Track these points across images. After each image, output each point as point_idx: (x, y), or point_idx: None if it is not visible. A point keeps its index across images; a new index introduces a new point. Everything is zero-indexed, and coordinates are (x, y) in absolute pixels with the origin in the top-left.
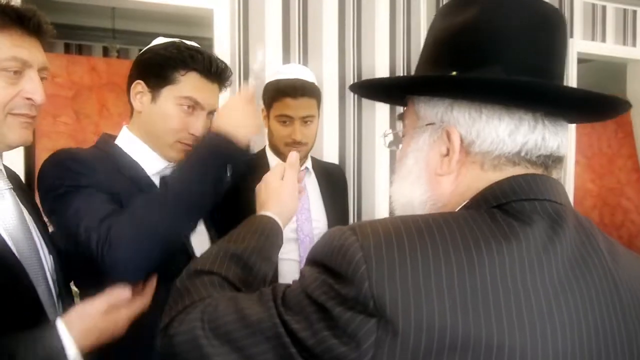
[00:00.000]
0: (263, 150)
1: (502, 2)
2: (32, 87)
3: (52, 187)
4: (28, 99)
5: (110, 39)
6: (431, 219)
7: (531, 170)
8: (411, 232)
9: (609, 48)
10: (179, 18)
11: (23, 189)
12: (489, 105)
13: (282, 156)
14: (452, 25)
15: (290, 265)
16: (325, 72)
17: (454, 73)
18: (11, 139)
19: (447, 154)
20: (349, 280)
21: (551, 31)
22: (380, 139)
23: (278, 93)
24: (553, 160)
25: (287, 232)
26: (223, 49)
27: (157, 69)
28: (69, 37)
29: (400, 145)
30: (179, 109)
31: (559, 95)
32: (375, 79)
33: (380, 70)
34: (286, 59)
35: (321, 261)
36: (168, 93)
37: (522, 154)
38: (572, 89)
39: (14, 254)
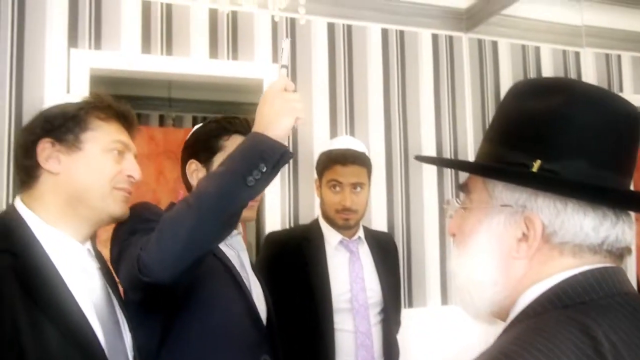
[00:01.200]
0: (317, 221)
1: (588, 94)
2: (132, 166)
3: (125, 231)
4: (129, 176)
5: (166, 107)
6: (539, 343)
7: (608, 260)
8: None
9: None
10: (230, 87)
11: (106, 267)
12: (574, 199)
13: (334, 224)
14: (534, 109)
15: (345, 336)
16: (372, 143)
17: (538, 162)
18: (115, 210)
19: (524, 238)
20: None
21: (632, 126)
22: (430, 207)
23: (329, 162)
24: (628, 251)
25: (342, 303)
26: None
27: (203, 144)
28: None
29: (453, 213)
30: None
31: None
32: (452, 161)
33: (427, 140)
34: (333, 132)
35: None
36: (219, 160)
37: (604, 246)
38: None
39: (100, 345)
